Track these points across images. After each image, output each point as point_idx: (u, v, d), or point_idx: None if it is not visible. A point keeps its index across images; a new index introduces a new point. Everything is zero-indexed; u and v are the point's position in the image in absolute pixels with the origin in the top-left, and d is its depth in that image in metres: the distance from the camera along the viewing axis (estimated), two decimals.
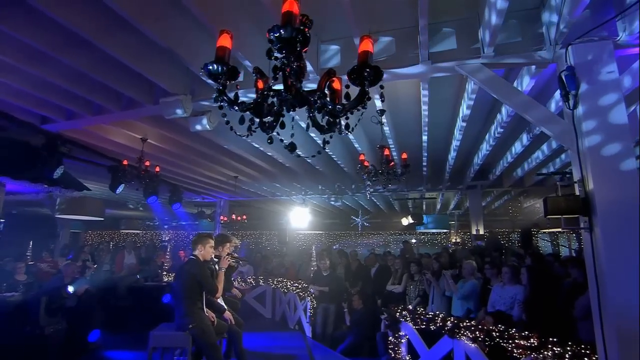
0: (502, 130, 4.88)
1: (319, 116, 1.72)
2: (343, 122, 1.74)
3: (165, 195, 8.92)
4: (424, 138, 5.16)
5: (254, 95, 1.74)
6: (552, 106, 4.36)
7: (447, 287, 5.57)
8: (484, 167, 7.61)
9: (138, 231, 17.96)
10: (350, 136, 5.30)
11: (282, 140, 1.75)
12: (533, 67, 3.55)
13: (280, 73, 1.52)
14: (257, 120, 1.68)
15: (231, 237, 5.22)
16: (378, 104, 4.07)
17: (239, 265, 7.03)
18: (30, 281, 7.21)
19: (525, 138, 5.68)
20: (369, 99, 1.68)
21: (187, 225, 14.93)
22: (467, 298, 5.33)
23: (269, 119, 1.66)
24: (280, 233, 15.18)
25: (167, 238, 18.19)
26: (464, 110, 4.27)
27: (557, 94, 3.84)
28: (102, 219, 9.48)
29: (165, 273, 8.74)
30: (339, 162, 6.57)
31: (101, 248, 10.79)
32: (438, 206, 11.29)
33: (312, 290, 7.44)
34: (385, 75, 3.29)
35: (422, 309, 4.83)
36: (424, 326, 4.38)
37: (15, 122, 4.58)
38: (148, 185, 7.76)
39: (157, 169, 5.65)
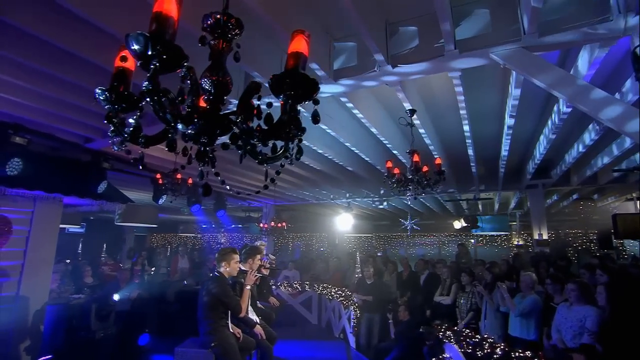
0: (561, 123, 4.16)
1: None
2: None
3: (210, 203, 9.19)
4: (467, 135, 4.59)
5: None
6: (629, 96, 3.57)
7: (502, 302, 4.92)
8: (544, 164, 6.68)
9: (196, 234, 18.99)
10: (384, 139, 4.91)
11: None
12: (596, 46, 2.90)
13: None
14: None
15: (261, 248, 5.10)
16: (407, 104, 3.68)
17: (277, 272, 6.98)
18: (95, 284, 7.81)
19: (594, 129, 4.81)
20: (296, 121, 1.20)
21: (241, 227, 15.40)
22: (528, 316, 4.64)
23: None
24: (330, 236, 15.02)
25: (222, 240, 19.01)
26: (511, 101, 3.67)
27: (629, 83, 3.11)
28: (156, 225, 10.07)
29: None
30: (377, 167, 6.19)
31: (159, 252, 11.48)
32: (496, 206, 10.28)
33: (355, 299, 7.14)
34: (404, 69, 2.95)
35: (468, 331, 4.28)
36: (470, 350, 3.86)
37: (64, 143, 4.94)
38: (190, 195, 8.07)
39: (190, 180, 5.74)
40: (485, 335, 3.99)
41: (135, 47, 0.88)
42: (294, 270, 10.74)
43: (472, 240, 13.35)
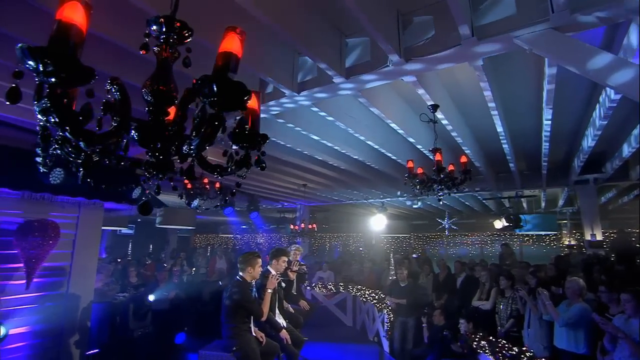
0: (609, 112, 3.70)
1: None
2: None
3: (243, 205, 9.38)
4: (499, 130, 4.25)
5: None
6: None
7: (544, 309, 4.51)
8: (595, 157, 6.05)
9: (235, 235, 19.57)
10: (411, 139, 4.69)
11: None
12: None
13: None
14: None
15: (287, 250, 5.08)
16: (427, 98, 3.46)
17: (306, 275, 6.95)
18: (138, 283, 8.23)
19: None
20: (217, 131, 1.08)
21: (275, 228, 15.62)
22: (575, 326, 4.21)
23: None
24: (366, 236, 14.80)
25: (261, 241, 19.42)
26: (546, 89, 3.32)
27: None
28: (194, 227, 10.47)
29: None
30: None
31: (198, 252, 11.93)
32: (542, 204, 9.51)
33: (388, 302, 6.93)
34: (418, 62, 2.76)
35: (505, 342, 3.96)
36: None
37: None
38: (222, 197, 8.27)
39: (217, 184, 5.86)
40: (525, 348, 3.68)
41: (31, 62, 0.76)
42: (329, 271, 10.69)
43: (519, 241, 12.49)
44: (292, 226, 9.33)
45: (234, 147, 1.25)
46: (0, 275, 5.05)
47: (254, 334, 3.88)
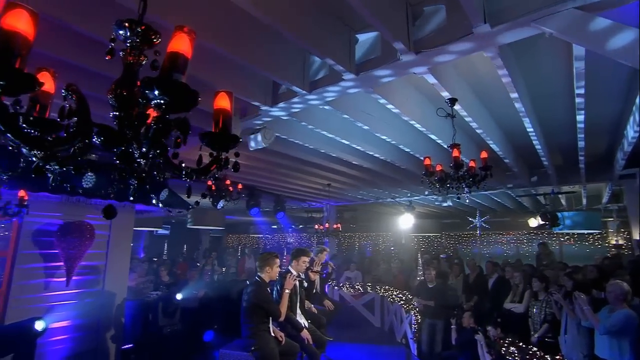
0: None
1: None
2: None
3: (270, 205, 9.50)
4: (527, 123, 4.00)
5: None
6: None
7: (583, 315, 4.18)
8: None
9: (265, 235, 19.88)
10: (433, 136, 4.53)
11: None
12: None
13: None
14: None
15: (307, 250, 5.07)
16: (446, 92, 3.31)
17: (332, 274, 6.92)
18: (170, 282, 8.55)
19: None
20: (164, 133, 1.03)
21: (301, 228, 15.71)
22: (619, 335, 3.86)
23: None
24: (395, 235, 14.52)
25: (291, 241, 19.61)
26: (576, 74, 3.06)
27: None
28: (223, 227, 10.74)
29: None
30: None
31: (229, 252, 12.22)
32: (584, 200, 8.87)
33: (416, 304, 6.76)
34: (429, 54, 2.64)
35: (536, 349, 3.71)
36: None
37: None
38: (250, 198, 8.42)
39: (240, 185, 5.96)
40: (558, 358, 3.42)
41: None
42: (356, 271, 10.60)
43: (561, 239, 11.70)
44: (316, 226, 9.34)
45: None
46: (44, 273, 5.42)
47: (272, 333, 3.90)
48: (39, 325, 4.26)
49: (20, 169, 1.03)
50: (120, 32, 1.00)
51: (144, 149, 1.03)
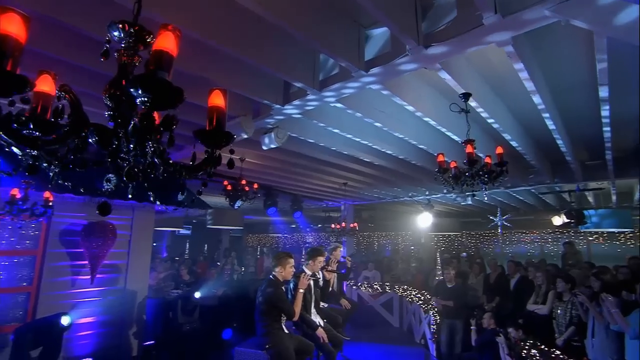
0: None
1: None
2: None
3: (287, 205, 9.55)
4: (546, 115, 3.83)
5: None
6: None
7: (611, 318, 3.99)
8: None
9: (284, 235, 20.01)
10: (450, 133, 4.42)
11: None
12: None
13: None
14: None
15: (322, 249, 5.07)
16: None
17: (349, 273, 6.88)
18: (191, 281, 8.73)
19: None
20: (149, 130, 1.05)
21: (319, 228, 15.73)
22: None
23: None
24: (415, 234, 14.31)
25: (310, 240, 19.67)
26: (598, 59, 2.90)
27: None
28: (242, 227, 10.89)
29: None
30: (448, 159, 5.64)
31: (248, 252, 12.37)
32: (613, 197, 8.44)
33: (434, 304, 6.64)
34: (443, 50, 2.57)
35: (559, 353, 3.56)
36: None
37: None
38: (267, 198, 8.49)
39: (256, 185, 6.01)
40: None
41: None
42: (374, 270, 10.52)
43: (591, 238, 11.14)
44: (333, 225, 9.32)
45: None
46: (71, 270, 5.65)
47: (286, 331, 3.91)
48: (65, 320, 4.44)
49: (22, 168, 1.06)
50: (115, 33, 1.02)
51: (131, 146, 1.04)
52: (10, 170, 1.15)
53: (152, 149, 1.09)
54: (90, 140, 1.02)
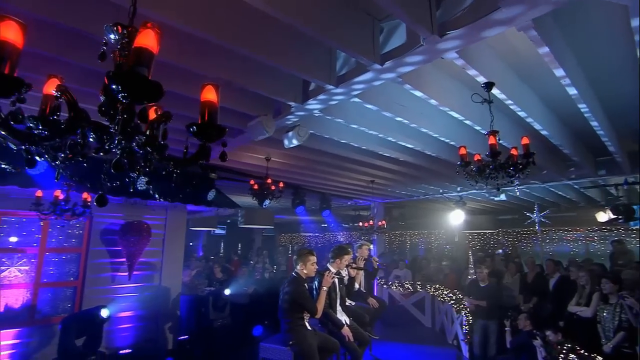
0: None
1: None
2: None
3: (315, 204, 9.59)
4: (582, 105, 3.57)
5: None
6: None
7: None
8: None
9: (316, 234, 20.09)
10: (470, 121, 4.25)
11: None
12: None
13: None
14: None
15: (348, 248, 5.04)
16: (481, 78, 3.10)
17: (377, 272, 6.80)
18: (224, 279, 8.99)
19: None
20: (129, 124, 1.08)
21: (348, 226, 15.65)
22: None
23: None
24: (448, 233, 13.87)
25: (341, 239, 19.63)
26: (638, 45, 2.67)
27: None
28: (272, 226, 11.04)
29: None
30: (477, 153, 5.40)
31: (279, 251, 12.55)
32: None
33: (466, 304, 6.41)
34: (456, 42, 2.46)
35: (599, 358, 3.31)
36: None
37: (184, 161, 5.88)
38: (295, 197, 8.57)
39: (281, 184, 6.08)
40: None
41: None
42: (405, 269, 10.32)
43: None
44: (361, 223, 9.24)
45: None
46: (111, 267, 6.01)
47: (309, 328, 3.93)
48: (104, 313, 4.74)
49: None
50: (111, 36, 1.08)
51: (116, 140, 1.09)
52: (54, 174, 1.24)
53: (140, 142, 1.13)
54: (89, 136, 1.07)
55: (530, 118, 3.89)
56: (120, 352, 5.63)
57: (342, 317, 4.62)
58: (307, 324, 3.90)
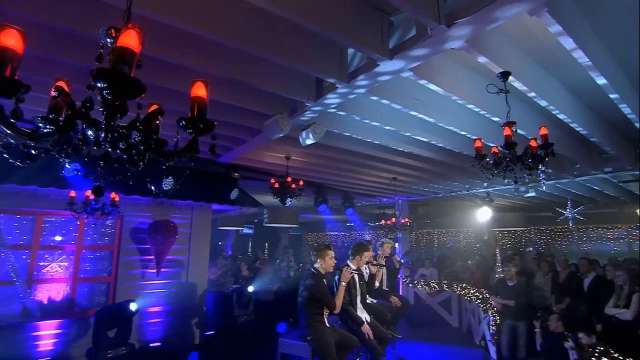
0: None
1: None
2: None
3: (339, 202, 9.59)
4: (614, 95, 3.35)
5: None
6: None
7: None
8: None
9: (341, 232, 20.06)
10: (488, 113, 4.11)
11: None
12: None
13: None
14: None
15: (368, 245, 5.01)
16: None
17: (398, 269, 6.70)
18: (250, 276, 9.17)
19: None
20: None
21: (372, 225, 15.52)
22: None
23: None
24: (477, 231, 13.42)
25: (368, 237, 19.50)
26: None
27: None
28: (297, 225, 11.14)
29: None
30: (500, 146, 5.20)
31: (304, 249, 12.64)
32: None
33: (493, 303, 6.20)
34: (466, 30, 2.39)
35: None
36: None
37: (202, 161, 6.10)
38: (317, 195, 8.61)
39: (301, 182, 6.13)
40: None
41: None
42: (431, 268, 10.11)
43: None
44: (383, 221, 9.14)
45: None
46: (140, 264, 6.30)
47: (328, 325, 3.94)
48: (133, 306, 4.98)
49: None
50: (108, 40, 1.16)
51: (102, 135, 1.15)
52: (91, 175, 1.33)
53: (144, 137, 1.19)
54: (87, 131, 1.15)
55: (553, 107, 3.70)
56: (150, 345, 5.89)
57: (363, 315, 4.61)
58: (325, 320, 3.92)
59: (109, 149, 1.14)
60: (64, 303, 5.66)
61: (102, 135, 1.10)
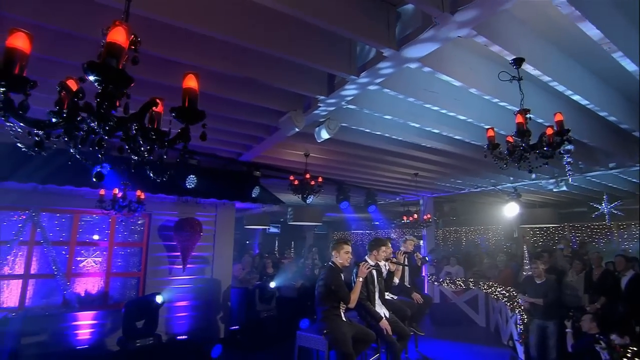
0: None
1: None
2: None
3: (361, 200, 9.56)
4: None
5: None
6: None
7: None
8: None
9: (367, 231, 19.92)
10: (505, 103, 3.97)
11: None
12: None
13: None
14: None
15: (385, 240, 4.99)
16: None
17: (420, 267, 6.60)
18: (274, 273, 9.30)
19: None
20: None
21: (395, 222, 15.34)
22: None
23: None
24: (506, 228, 12.93)
25: (394, 236, 19.27)
26: None
27: None
28: (321, 224, 11.21)
29: None
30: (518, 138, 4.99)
31: (329, 247, 12.66)
32: None
33: (520, 302, 5.99)
34: (471, 15, 2.33)
35: None
36: None
37: (224, 160, 6.28)
38: (339, 192, 8.61)
39: (320, 179, 6.16)
40: None
41: None
42: (457, 265, 9.87)
43: None
44: (404, 217, 9.01)
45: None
46: (168, 260, 6.58)
47: (344, 319, 3.97)
48: (159, 299, 5.22)
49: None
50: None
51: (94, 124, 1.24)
52: (116, 176, 1.47)
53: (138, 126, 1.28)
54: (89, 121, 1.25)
55: (575, 94, 3.53)
56: (177, 337, 6.14)
57: (381, 310, 4.59)
58: (342, 314, 3.95)
59: (105, 137, 1.23)
60: (98, 296, 6.02)
61: (96, 123, 1.20)
